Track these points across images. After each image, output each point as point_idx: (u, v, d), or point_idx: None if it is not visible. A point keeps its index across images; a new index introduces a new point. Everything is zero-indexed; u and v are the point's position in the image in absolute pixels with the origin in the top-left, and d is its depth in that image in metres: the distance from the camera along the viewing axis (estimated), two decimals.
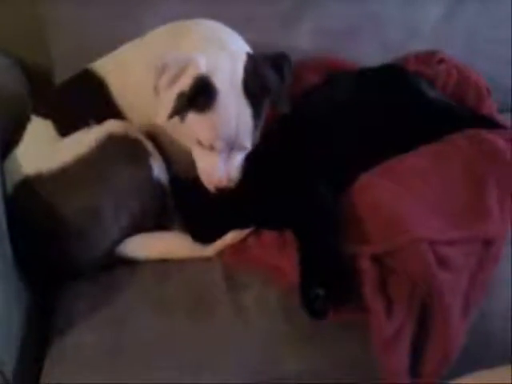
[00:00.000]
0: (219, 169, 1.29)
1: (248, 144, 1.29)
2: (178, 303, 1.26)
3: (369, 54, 1.80)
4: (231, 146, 1.28)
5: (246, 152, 1.33)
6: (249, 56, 1.31)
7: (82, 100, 1.42)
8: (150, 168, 1.35)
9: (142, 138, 1.38)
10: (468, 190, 1.31)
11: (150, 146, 1.39)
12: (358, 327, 1.17)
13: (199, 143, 1.29)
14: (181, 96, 1.21)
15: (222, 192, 1.31)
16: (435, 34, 1.85)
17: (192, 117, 1.27)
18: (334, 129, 1.42)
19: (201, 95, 1.23)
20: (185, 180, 1.41)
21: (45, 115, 1.41)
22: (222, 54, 1.28)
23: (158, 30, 1.45)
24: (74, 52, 1.66)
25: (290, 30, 1.75)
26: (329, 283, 1.12)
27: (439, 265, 1.16)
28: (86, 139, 1.33)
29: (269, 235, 1.32)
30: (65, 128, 1.38)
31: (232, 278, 1.29)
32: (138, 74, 1.38)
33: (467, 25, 1.87)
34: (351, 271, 1.16)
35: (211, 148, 1.28)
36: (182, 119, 1.29)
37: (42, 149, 1.36)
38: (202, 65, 1.23)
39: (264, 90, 1.28)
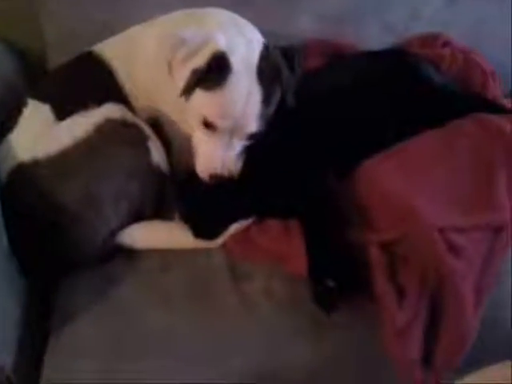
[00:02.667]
0: (217, 155, 1.26)
1: (251, 129, 1.26)
2: (179, 294, 1.22)
3: (370, 36, 1.76)
4: (234, 129, 1.25)
5: (246, 143, 1.29)
6: (264, 45, 1.30)
7: (84, 83, 1.38)
8: (148, 152, 1.31)
9: (139, 122, 1.34)
10: (476, 176, 1.28)
11: (148, 130, 1.35)
12: (367, 316, 1.15)
13: (202, 123, 1.26)
14: (195, 72, 1.20)
15: (216, 182, 1.27)
16: (438, 17, 1.81)
17: (199, 94, 1.25)
18: (336, 114, 1.38)
19: (215, 72, 1.21)
20: (184, 173, 1.36)
21: (43, 99, 1.36)
22: (240, 38, 1.27)
23: (173, 14, 1.41)
24: (67, 36, 1.61)
25: (289, 13, 1.70)
26: (339, 274, 1.09)
27: (450, 252, 1.13)
28: (83, 123, 1.29)
29: (272, 223, 1.29)
30: (64, 112, 1.33)
31: (236, 268, 1.26)
32: (150, 54, 1.35)
33: (472, 6, 1.82)
34: (361, 261, 1.13)
35: (213, 130, 1.25)
36: (188, 97, 1.26)
37: (39, 133, 1.31)
38: (222, 42, 1.22)
39: (276, 79, 1.27)
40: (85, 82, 1.39)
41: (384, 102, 1.41)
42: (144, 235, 1.33)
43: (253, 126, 1.26)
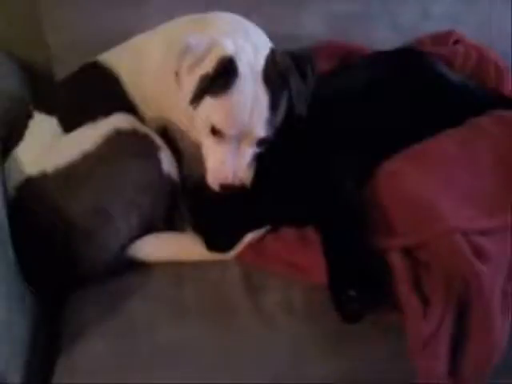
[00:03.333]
0: (227, 163, 1.23)
1: (259, 134, 1.22)
2: (194, 307, 1.18)
3: (380, 37, 1.74)
4: (242, 136, 1.22)
5: (257, 150, 1.26)
6: (272, 50, 1.27)
7: (91, 94, 1.36)
8: (159, 162, 1.28)
9: (150, 132, 1.32)
10: (498, 175, 1.24)
11: (158, 140, 1.32)
12: (389, 327, 1.10)
13: (211, 131, 1.23)
14: (204, 78, 1.18)
15: (227, 192, 1.23)
16: (449, 15, 1.79)
17: (207, 101, 1.22)
18: (353, 116, 1.35)
19: (222, 76, 1.19)
20: (196, 182, 1.33)
21: (49, 111, 1.34)
22: (246, 42, 1.25)
23: (178, 20, 1.40)
24: (72, 46, 1.59)
25: (298, 13, 1.69)
26: (361, 283, 1.05)
27: (476, 256, 1.08)
28: (92, 135, 1.26)
29: (288, 232, 1.25)
30: (71, 124, 1.31)
31: (251, 280, 1.22)
32: (156, 63, 1.34)
33: (482, 4, 1.80)
34: (383, 268, 1.08)
35: (221, 137, 1.22)
36: (197, 105, 1.24)
37: (46, 147, 1.29)
38: (229, 47, 1.21)
39: (283, 83, 1.24)
40: (91, 92, 1.37)
41: (400, 101, 1.38)
42: (156, 248, 1.30)
43: (261, 131, 1.22)
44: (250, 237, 1.24)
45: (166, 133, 1.38)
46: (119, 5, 1.60)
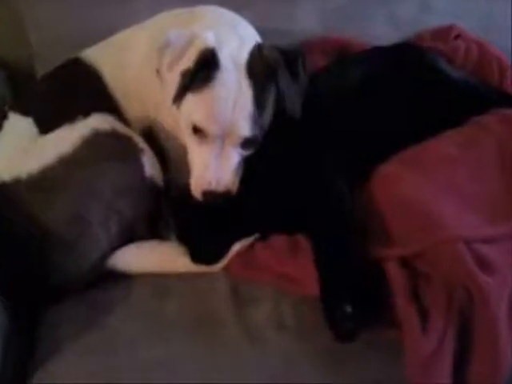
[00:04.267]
0: (210, 166, 1.15)
1: (244, 132, 1.15)
2: (178, 323, 1.11)
3: (377, 31, 1.68)
4: (226, 135, 1.15)
5: (243, 154, 1.19)
6: (258, 43, 1.21)
7: (71, 93, 1.30)
8: (141, 165, 1.21)
9: (131, 133, 1.25)
10: (502, 179, 1.17)
11: (141, 141, 1.25)
12: (386, 345, 1.03)
13: (193, 131, 1.17)
14: (185, 74, 1.13)
15: (211, 200, 1.16)
16: (449, 9, 1.72)
17: (189, 98, 1.16)
18: (347, 115, 1.27)
19: (203, 70, 1.13)
20: (181, 187, 1.24)
21: (25, 111, 1.28)
22: (231, 35, 1.20)
23: (164, 14, 1.35)
24: (54, 43, 1.53)
25: (292, 8, 1.62)
26: (356, 298, 0.97)
27: (479, 266, 1.00)
28: (69, 137, 1.20)
29: (278, 240, 1.18)
30: (48, 125, 1.24)
31: (239, 292, 1.15)
32: (140, 57, 1.29)
33: None
34: (379, 280, 1.01)
35: (204, 137, 1.16)
36: (180, 104, 1.18)
37: (21, 149, 1.23)
38: (210, 39, 1.15)
39: (270, 78, 1.17)
40: (71, 90, 1.31)
41: (398, 99, 1.31)
42: (137, 258, 1.23)
43: (245, 129, 1.15)
44: (237, 246, 1.17)
45: (151, 135, 1.32)
46: (103, 1, 1.54)
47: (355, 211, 1.10)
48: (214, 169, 1.15)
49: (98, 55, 1.35)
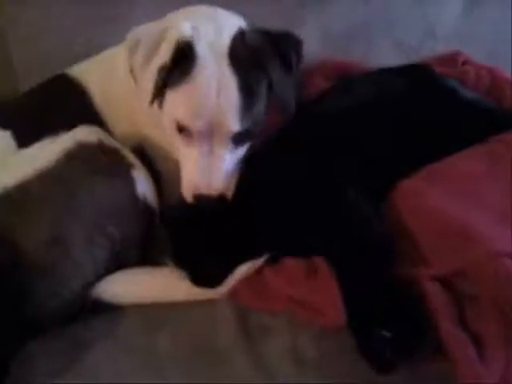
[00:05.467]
0: (198, 167, 1.06)
1: (232, 127, 1.05)
2: (174, 358, 0.96)
3: (381, 55, 1.61)
4: (213, 131, 1.06)
5: (238, 153, 1.09)
6: (241, 29, 1.11)
7: (55, 108, 1.22)
8: (131, 181, 1.09)
9: (121, 147, 1.13)
10: None
11: (131, 156, 1.13)
12: (428, 374, 0.86)
13: (179, 130, 1.07)
14: (161, 70, 1.04)
15: (204, 205, 1.05)
16: (454, 35, 1.67)
17: (169, 96, 1.08)
18: (359, 134, 1.17)
19: (181, 63, 1.04)
20: (177, 205, 1.12)
21: (3, 125, 1.19)
22: (209, 24, 1.09)
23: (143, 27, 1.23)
24: (37, 61, 1.47)
25: (294, 30, 1.51)
26: (392, 321, 0.82)
27: None
28: (50, 150, 1.08)
29: (291, 263, 1.04)
30: (29, 139, 1.13)
31: (248, 322, 1.00)
32: (125, 75, 1.18)
33: (489, 23, 1.68)
34: (416, 303, 0.86)
35: (190, 136, 1.07)
36: (161, 104, 1.09)
37: None
38: (185, 29, 1.06)
39: (256, 64, 1.07)
40: (55, 105, 1.23)
41: (412, 118, 1.21)
42: (127, 287, 1.08)
43: (233, 121, 1.05)
44: (244, 269, 1.03)
45: (142, 152, 1.21)
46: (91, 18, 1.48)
47: (381, 226, 0.96)
48: (202, 170, 1.05)
49: (83, 71, 1.28)
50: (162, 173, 1.21)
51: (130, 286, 1.08)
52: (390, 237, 0.97)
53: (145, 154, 1.21)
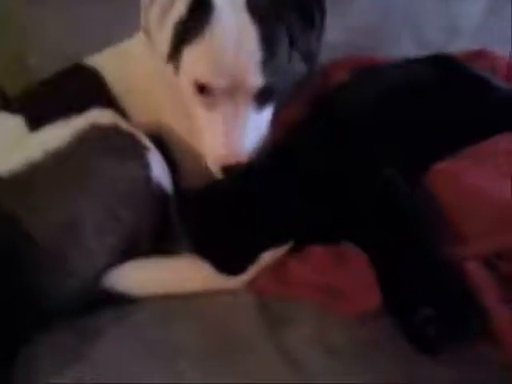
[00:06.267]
0: (224, 133, 1.02)
1: (255, 82, 1.02)
2: (191, 351, 0.87)
3: (404, 52, 1.52)
4: (235, 89, 1.02)
5: (263, 112, 1.06)
6: None
7: (70, 94, 1.16)
8: (146, 165, 1.03)
9: (136, 130, 1.07)
10: None
11: (146, 140, 1.07)
12: (473, 360, 0.77)
13: (200, 91, 1.04)
14: (177, 25, 1.01)
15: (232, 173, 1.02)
16: (478, 31, 1.64)
17: (186, 53, 1.05)
18: (387, 124, 1.12)
19: (197, 17, 1.01)
20: (195, 190, 1.05)
21: (14, 110, 1.14)
22: None
23: None
24: (55, 63, 1.38)
25: None
26: (436, 299, 0.75)
27: None
28: (62, 132, 1.02)
29: (316, 250, 0.96)
30: (41, 123, 1.07)
31: (271, 310, 0.91)
32: (144, 63, 1.17)
33: None
34: (460, 282, 0.80)
35: (211, 95, 1.03)
36: (177, 70, 1.07)
37: (4, 148, 1.06)
38: None
39: (276, 14, 1.04)
40: (68, 92, 1.18)
41: (442, 108, 1.16)
42: (141, 277, 1.01)
43: (255, 75, 1.01)
44: (266, 257, 0.96)
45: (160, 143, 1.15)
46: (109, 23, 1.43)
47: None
48: (228, 135, 1.02)
49: (100, 59, 1.24)
50: (180, 163, 1.16)
51: (144, 276, 1.01)
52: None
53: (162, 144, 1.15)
